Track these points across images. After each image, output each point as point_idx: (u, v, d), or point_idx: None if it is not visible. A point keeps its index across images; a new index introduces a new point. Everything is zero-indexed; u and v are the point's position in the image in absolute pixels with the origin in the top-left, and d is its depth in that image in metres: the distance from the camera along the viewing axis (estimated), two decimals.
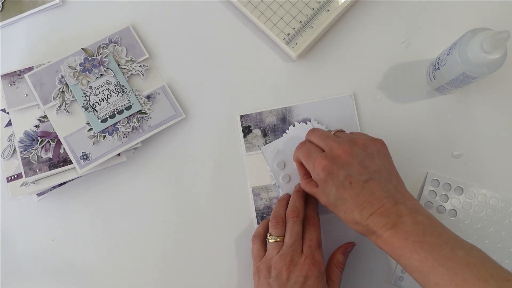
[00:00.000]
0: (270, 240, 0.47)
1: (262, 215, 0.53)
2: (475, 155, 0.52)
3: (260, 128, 0.54)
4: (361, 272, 0.52)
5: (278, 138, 0.54)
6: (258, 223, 0.53)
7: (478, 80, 0.46)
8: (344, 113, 0.54)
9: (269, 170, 0.53)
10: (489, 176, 0.52)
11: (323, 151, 0.44)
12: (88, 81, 0.54)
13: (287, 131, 0.54)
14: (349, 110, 0.54)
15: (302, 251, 0.45)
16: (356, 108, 0.54)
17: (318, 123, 0.53)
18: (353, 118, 0.53)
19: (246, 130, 0.54)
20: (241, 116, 0.55)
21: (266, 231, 0.49)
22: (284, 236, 0.46)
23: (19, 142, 0.53)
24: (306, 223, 0.48)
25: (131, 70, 0.55)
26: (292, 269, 0.44)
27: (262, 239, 0.49)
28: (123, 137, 0.53)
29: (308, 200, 0.50)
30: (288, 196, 0.51)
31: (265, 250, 0.47)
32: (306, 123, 0.53)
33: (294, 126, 0.54)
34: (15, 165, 0.54)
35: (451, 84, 0.48)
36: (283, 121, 0.54)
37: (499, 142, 0.53)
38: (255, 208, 0.53)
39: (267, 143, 0.54)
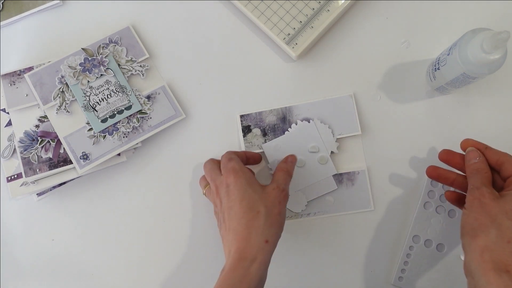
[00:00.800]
0: (206, 192, 0.50)
1: None
2: None
3: (260, 127, 0.54)
4: (361, 272, 0.52)
5: (278, 135, 0.54)
6: None
7: (478, 80, 0.46)
8: (344, 113, 0.54)
9: (269, 168, 0.54)
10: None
11: None
12: (88, 81, 0.54)
13: (289, 129, 0.54)
14: (349, 110, 0.54)
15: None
16: (356, 108, 0.54)
17: (321, 122, 0.53)
18: (353, 118, 0.53)
19: (246, 130, 0.54)
20: (241, 116, 0.55)
21: None
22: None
23: (19, 142, 0.53)
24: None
25: (131, 70, 0.55)
26: (218, 191, 0.45)
27: None
28: (123, 137, 0.53)
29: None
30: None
31: None
32: (309, 122, 0.53)
33: (296, 124, 0.54)
34: (15, 165, 0.54)
35: (451, 84, 0.48)
36: (283, 121, 0.54)
37: (499, 142, 0.53)
38: None
39: (266, 142, 0.54)
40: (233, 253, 0.41)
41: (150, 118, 0.54)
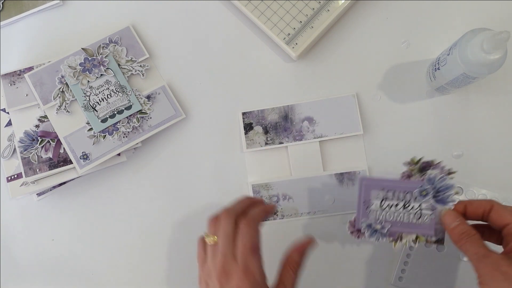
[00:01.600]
0: (207, 241, 0.40)
1: None
2: (475, 155, 0.52)
3: (262, 125, 0.54)
4: (361, 272, 0.52)
5: (280, 133, 0.54)
6: None
7: (478, 80, 0.46)
8: (346, 112, 0.54)
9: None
10: (489, 176, 0.52)
11: None
12: (88, 81, 0.54)
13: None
14: (351, 110, 0.54)
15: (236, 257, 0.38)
16: (358, 108, 0.54)
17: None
18: (355, 117, 0.53)
19: (248, 127, 0.54)
20: (243, 113, 0.55)
21: None
22: None
23: (19, 142, 0.53)
24: (239, 220, 0.39)
25: (131, 70, 0.55)
26: (223, 281, 0.37)
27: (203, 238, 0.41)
28: (123, 137, 0.53)
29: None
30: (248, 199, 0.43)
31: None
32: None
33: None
34: (15, 165, 0.54)
35: (451, 84, 0.48)
36: (285, 119, 0.54)
37: (499, 142, 0.53)
38: None
39: (268, 140, 0.54)
40: None
41: (150, 118, 0.54)
